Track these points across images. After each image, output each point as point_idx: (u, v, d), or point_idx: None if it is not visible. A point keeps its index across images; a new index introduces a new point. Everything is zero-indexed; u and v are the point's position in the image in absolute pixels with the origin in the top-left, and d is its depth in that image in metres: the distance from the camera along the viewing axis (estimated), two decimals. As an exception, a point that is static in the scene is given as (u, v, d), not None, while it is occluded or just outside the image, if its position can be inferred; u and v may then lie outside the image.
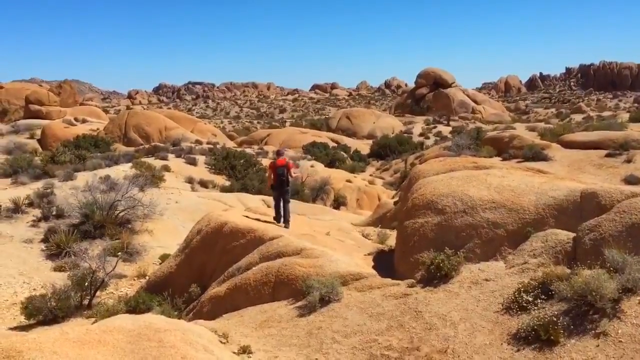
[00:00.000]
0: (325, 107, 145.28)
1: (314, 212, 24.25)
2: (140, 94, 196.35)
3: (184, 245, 14.80)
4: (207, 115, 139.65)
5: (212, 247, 13.54)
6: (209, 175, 34.28)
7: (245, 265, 11.98)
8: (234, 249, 12.87)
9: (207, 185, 31.57)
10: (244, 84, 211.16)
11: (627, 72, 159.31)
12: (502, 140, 28.64)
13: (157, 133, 51.86)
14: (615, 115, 61.78)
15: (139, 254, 18.38)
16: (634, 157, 22.44)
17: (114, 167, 30.50)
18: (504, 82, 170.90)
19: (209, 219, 14.35)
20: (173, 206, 23.28)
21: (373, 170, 46.66)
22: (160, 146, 41.89)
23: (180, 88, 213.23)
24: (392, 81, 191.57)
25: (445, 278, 9.69)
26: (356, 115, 72.85)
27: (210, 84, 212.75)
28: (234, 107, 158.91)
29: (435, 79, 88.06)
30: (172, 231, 20.92)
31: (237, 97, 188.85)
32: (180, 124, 55.82)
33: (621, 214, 9.02)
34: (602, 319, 7.24)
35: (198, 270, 13.77)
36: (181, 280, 13.82)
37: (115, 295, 15.60)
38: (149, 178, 25.47)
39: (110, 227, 19.46)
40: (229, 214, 14.83)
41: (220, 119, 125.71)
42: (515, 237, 10.06)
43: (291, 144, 54.81)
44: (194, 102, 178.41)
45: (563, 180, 11.69)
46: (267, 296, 10.97)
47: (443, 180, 12.05)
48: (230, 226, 13.35)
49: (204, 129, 59.71)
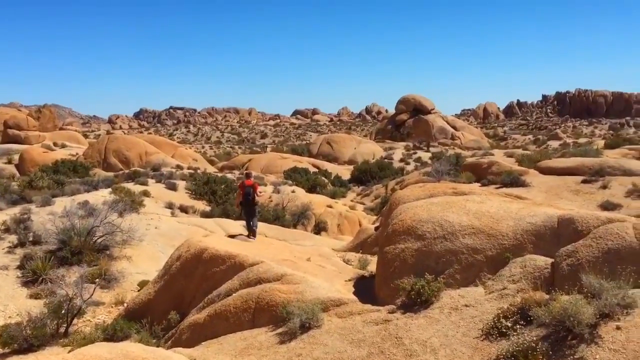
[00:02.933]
0: (307, 133, 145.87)
1: (294, 237, 24.19)
2: (121, 119, 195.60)
3: (163, 272, 14.65)
4: (188, 140, 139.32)
5: (192, 274, 13.43)
6: (189, 200, 34.04)
7: (225, 291, 11.89)
8: (214, 275, 12.78)
9: (187, 211, 31.33)
10: (225, 109, 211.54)
11: (601, 100, 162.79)
12: (481, 166, 29.01)
13: (137, 158, 51.58)
14: (591, 142, 62.89)
15: (117, 281, 18.11)
16: (609, 183, 22.87)
17: (92, 192, 30.16)
18: (482, 109, 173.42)
19: (189, 245, 14.26)
20: (152, 232, 23.05)
21: (354, 196, 46.74)
22: (141, 171, 41.60)
23: (161, 113, 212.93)
24: (373, 107, 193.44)
25: (425, 304, 9.71)
26: (337, 140, 73.18)
27: (191, 109, 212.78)
28: (215, 132, 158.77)
29: (415, 106, 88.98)
30: (151, 257, 20.68)
31: (218, 122, 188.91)
32: (161, 149, 55.62)
33: (597, 239, 9.17)
34: (580, 344, 7.31)
35: (177, 296, 13.62)
36: (160, 307, 13.65)
37: (93, 322, 15.33)
38: (129, 203, 25.21)
39: (88, 254, 19.17)
40: (209, 240, 14.75)
41: (202, 144, 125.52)
42: (495, 262, 10.15)
43: (272, 169, 54.78)
44: (175, 127, 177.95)
45: (541, 206, 11.85)
46: (247, 323, 10.89)
47: (423, 206, 12.14)
48: (210, 252, 13.27)
49: (185, 154, 59.52)
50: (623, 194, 21.96)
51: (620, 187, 22.61)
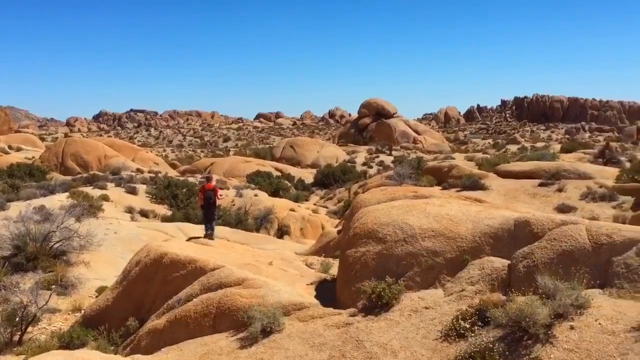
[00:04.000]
0: (270, 136, 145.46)
1: (257, 241, 24.08)
2: (80, 122, 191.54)
3: (122, 277, 14.39)
4: (150, 143, 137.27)
5: (152, 279, 13.23)
6: (150, 204, 33.54)
7: (186, 296, 11.76)
8: (174, 280, 12.62)
9: (147, 215, 30.88)
10: (187, 112, 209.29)
11: (558, 105, 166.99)
12: (441, 170, 29.43)
13: (96, 161, 50.59)
14: (547, 146, 64.49)
15: (75, 287, 17.69)
16: (565, 187, 23.46)
17: (49, 196, 29.44)
18: (443, 113, 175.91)
19: (149, 250, 14.04)
20: (111, 237, 22.63)
21: (317, 199, 46.82)
22: (100, 175, 40.78)
23: (121, 115, 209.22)
24: (336, 111, 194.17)
25: (386, 307, 9.78)
26: (300, 144, 73.23)
27: (153, 112, 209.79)
28: (177, 135, 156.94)
29: (377, 110, 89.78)
30: (110, 262, 20.29)
31: (180, 126, 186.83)
32: (121, 152, 54.69)
33: (552, 241, 9.39)
34: (536, 344, 7.47)
35: (136, 302, 13.40)
36: (119, 314, 13.39)
37: (48, 330, 14.92)
38: (87, 208, 24.69)
39: (44, 259, 18.68)
40: (169, 245, 14.57)
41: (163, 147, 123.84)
42: (454, 265, 10.29)
43: (235, 172, 54.42)
44: (136, 130, 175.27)
45: (498, 209, 12.08)
46: (208, 328, 10.79)
47: (384, 210, 12.24)
48: (170, 257, 13.10)
49: (146, 157, 58.67)
50: (578, 196, 22.56)
51: (576, 190, 23.23)
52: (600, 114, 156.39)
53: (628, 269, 8.29)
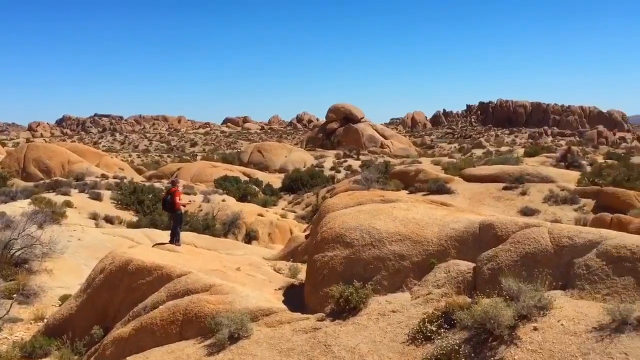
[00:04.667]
0: (237, 141, 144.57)
1: (225, 247, 23.95)
2: (42, 126, 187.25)
3: (86, 285, 14.14)
4: (115, 148, 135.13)
5: (117, 286, 13.02)
6: (115, 210, 33.04)
7: (152, 303, 11.61)
8: (139, 288, 12.45)
9: (113, 221, 30.41)
10: (153, 116, 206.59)
11: (522, 110, 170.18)
12: (408, 174, 29.70)
13: (59, 167, 49.50)
14: (511, 150, 65.65)
15: (37, 296, 17.31)
16: (528, 190, 23.93)
17: (10, 203, 28.75)
18: (410, 118, 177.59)
19: (113, 257, 13.83)
20: (75, 244, 22.22)
21: (285, 204, 46.76)
22: (63, 181, 39.95)
23: (85, 120, 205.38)
24: (304, 115, 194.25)
25: (354, 311, 9.81)
26: (268, 149, 73.03)
27: (118, 117, 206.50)
28: (143, 140, 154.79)
29: (345, 114, 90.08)
30: (73, 270, 19.92)
31: (146, 130, 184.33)
32: (85, 157, 53.65)
33: (516, 244, 9.57)
34: (500, 345, 7.59)
35: (101, 310, 13.18)
36: (83, 322, 13.16)
37: (10, 340, 14.54)
38: (49, 214, 24.18)
39: (4, 268, 18.23)
40: (135, 251, 14.37)
41: (129, 152, 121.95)
42: (420, 268, 10.39)
43: (202, 177, 53.95)
44: (101, 135, 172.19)
45: (463, 213, 12.26)
46: (174, 335, 10.66)
47: (351, 214, 12.29)
48: (135, 264, 12.92)
49: (111, 162, 57.69)
50: (541, 199, 23.03)
51: (539, 193, 23.71)
52: (562, 119, 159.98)
53: (589, 270, 8.49)
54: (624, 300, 7.76)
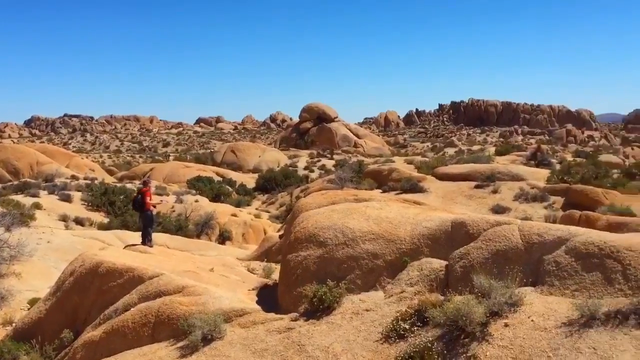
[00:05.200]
0: (211, 141, 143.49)
1: (198, 247, 23.76)
2: (10, 127, 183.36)
3: (55, 288, 13.88)
4: (85, 149, 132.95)
5: (87, 289, 12.81)
6: (85, 212, 32.52)
7: (123, 306, 11.46)
8: (110, 290, 12.27)
9: (83, 223, 29.92)
10: (125, 117, 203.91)
11: (493, 109, 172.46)
12: (382, 173, 29.85)
13: (27, 168, 48.52)
14: (483, 149, 66.50)
15: (5, 300, 16.96)
16: (499, 188, 24.26)
17: (-24, 205, 28.09)
18: (383, 117, 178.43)
19: (83, 259, 13.61)
20: (44, 246, 21.81)
21: (259, 204, 46.56)
22: (31, 182, 39.16)
23: (55, 121, 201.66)
24: (277, 115, 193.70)
25: (327, 310, 9.81)
26: (242, 149, 72.63)
27: (88, 117, 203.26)
28: (115, 140, 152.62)
29: (319, 114, 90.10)
30: (43, 273, 19.55)
31: (117, 131, 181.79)
32: (55, 158, 52.68)
33: (487, 241, 9.68)
34: (472, 342, 7.67)
35: (71, 314, 12.95)
36: (52, 326, 12.91)
37: (-24, 346, 14.22)
38: (17, 217, 23.67)
39: (-29, 272, 17.83)
40: (105, 253, 14.17)
41: (100, 153, 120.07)
42: (394, 266, 10.43)
43: (175, 178, 53.41)
44: (71, 136, 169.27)
45: (436, 211, 12.36)
46: (146, 338, 10.54)
47: (325, 213, 12.29)
48: (106, 266, 12.73)
49: (81, 163, 56.77)
50: (512, 197, 23.37)
51: (509, 191, 24.05)
52: (532, 118, 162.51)
53: (558, 266, 8.63)
54: (592, 295, 7.90)
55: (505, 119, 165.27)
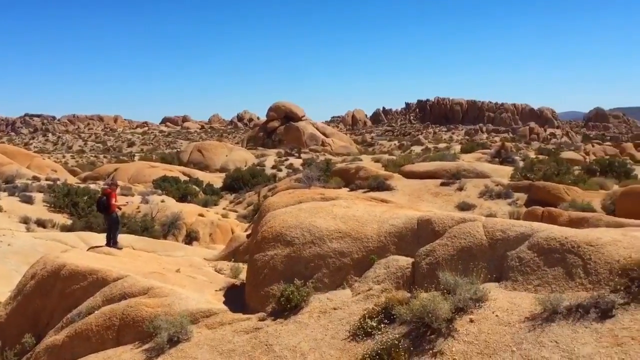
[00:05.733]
0: (177, 141, 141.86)
1: (164, 248, 23.45)
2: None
3: (16, 292, 13.55)
4: (47, 149, 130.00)
5: (49, 292, 12.53)
6: (47, 214, 31.81)
7: (87, 309, 11.24)
8: (74, 293, 12.02)
9: (45, 225, 29.27)
10: (88, 116, 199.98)
11: (458, 108, 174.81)
12: (349, 172, 29.93)
13: (-14, 169, 47.19)
14: (449, 147, 67.27)
15: (-37, 305, 16.45)
16: (464, 185, 24.56)
17: None
18: (351, 116, 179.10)
19: (45, 262, 13.30)
20: (4, 249, 21.27)
21: (226, 204, 46.21)
22: (-9, 184, 38.16)
23: (15, 120, 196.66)
24: (245, 114, 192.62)
25: (295, 309, 9.80)
26: (208, 148, 71.97)
27: (50, 117, 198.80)
28: (78, 140, 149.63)
29: (286, 113, 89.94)
30: (3, 277, 19.04)
31: (81, 131, 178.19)
32: (15, 159, 51.38)
33: (452, 238, 9.79)
34: (438, 338, 7.74)
35: (33, 318, 12.64)
36: (13, 331, 12.60)
37: None
38: (-24, 219, 23.06)
39: None
40: (68, 255, 13.86)
41: (62, 153, 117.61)
42: (361, 264, 10.47)
43: (141, 178, 52.65)
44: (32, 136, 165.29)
45: (402, 209, 12.44)
46: (111, 341, 10.36)
47: (292, 212, 12.27)
48: (69, 268, 12.47)
49: (43, 164, 55.53)
50: (477, 194, 23.69)
51: (474, 188, 24.38)
52: (496, 116, 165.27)
53: (521, 262, 8.78)
54: (554, 290, 8.05)
55: (470, 117, 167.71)
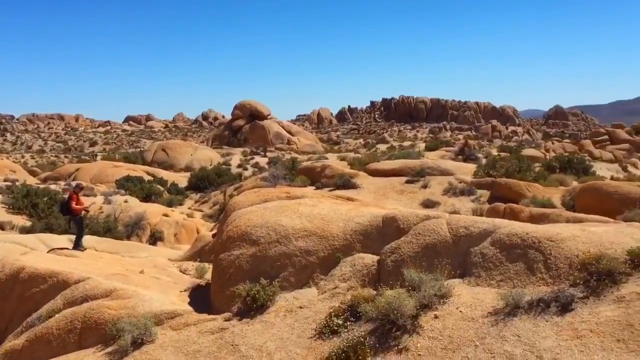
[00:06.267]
0: (140, 140, 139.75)
1: (128, 249, 23.03)
2: None
3: (-27, 297, 13.12)
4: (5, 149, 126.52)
5: (8, 296, 12.20)
6: (6, 215, 30.93)
7: (47, 312, 10.99)
8: (33, 296, 11.74)
9: (4, 227, 28.46)
10: (48, 115, 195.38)
11: (422, 106, 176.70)
12: (315, 170, 29.95)
13: (-59, 170, 45.77)
14: (413, 145, 67.92)
15: None
16: (429, 183, 24.82)
17: None
18: (316, 114, 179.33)
19: (3, 265, 12.95)
20: (-39, 252, 20.60)
21: (192, 203, 45.70)
22: (-54, 185, 36.99)
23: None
24: (210, 113, 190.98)
25: (261, 309, 9.76)
26: (173, 147, 71.10)
27: (8, 116, 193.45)
28: (37, 140, 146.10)
29: (251, 111, 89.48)
30: (-41, 281, 18.46)
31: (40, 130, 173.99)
32: (-29, 159, 49.95)
33: (417, 236, 9.88)
34: (404, 335, 7.81)
35: (-9, 323, 12.29)
36: (-30, 337, 12.21)
37: None
38: None
39: None
40: (27, 258, 13.55)
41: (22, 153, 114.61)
42: (327, 263, 10.49)
43: (103, 178, 51.65)
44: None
45: (368, 207, 12.50)
46: (72, 345, 10.15)
47: (257, 211, 12.21)
48: (28, 271, 12.17)
49: (1, 164, 54.05)
50: (441, 192, 23.95)
51: (439, 185, 24.64)
52: (459, 114, 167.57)
53: (484, 258, 8.92)
54: (516, 285, 8.20)
55: (434, 115, 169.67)
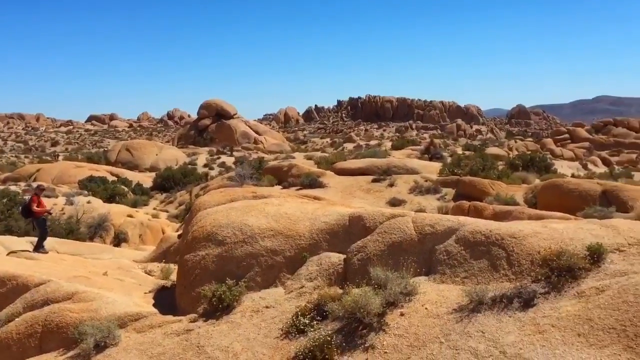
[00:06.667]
0: (104, 139, 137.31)
1: (91, 251, 22.60)
2: None
3: None
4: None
5: (-35, 301, 11.82)
6: (-37, 217, 30.03)
7: (7, 316, 10.71)
8: (-8, 301, 11.40)
9: (-39, 230, 27.64)
10: (8, 114, 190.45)
11: (388, 105, 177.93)
12: (282, 170, 29.90)
13: None
14: (380, 144, 68.36)
15: None
16: (395, 182, 25.03)
17: None
18: (283, 114, 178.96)
19: (-40, 269, 12.54)
20: None
21: (157, 204, 45.13)
22: None
23: None
24: (175, 112, 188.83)
25: (227, 309, 9.68)
26: (137, 147, 70.03)
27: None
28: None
29: (217, 110, 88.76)
30: None
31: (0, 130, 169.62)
32: None
33: (383, 234, 9.93)
34: (370, 333, 7.84)
35: (-53, 329, 11.90)
36: None
37: None
38: None
39: None
40: (-15, 261, 13.14)
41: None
42: (293, 262, 10.46)
43: (65, 179, 50.55)
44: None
45: (334, 206, 12.52)
46: (33, 349, 9.91)
47: (223, 211, 12.11)
48: (-14, 275, 11.81)
49: (-42, 165, 52.48)
50: (407, 190, 24.18)
51: (405, 184, 24.87)
52: (425, 113, 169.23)
53: (449, 255, 9.01)
54: (480, 282, 8.32)
55: (400, 114, 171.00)
